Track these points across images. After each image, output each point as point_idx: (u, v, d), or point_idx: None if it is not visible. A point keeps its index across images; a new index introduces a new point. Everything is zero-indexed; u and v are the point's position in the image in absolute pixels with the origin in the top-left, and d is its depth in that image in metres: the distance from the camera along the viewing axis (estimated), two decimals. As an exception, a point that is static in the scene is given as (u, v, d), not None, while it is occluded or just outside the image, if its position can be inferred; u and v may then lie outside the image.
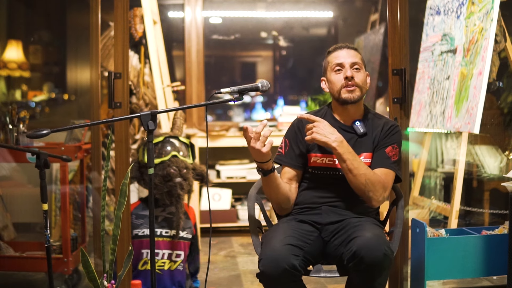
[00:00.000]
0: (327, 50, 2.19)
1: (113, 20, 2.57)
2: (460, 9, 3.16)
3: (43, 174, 1.97)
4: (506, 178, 2.41)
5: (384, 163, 2.05)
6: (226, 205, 4.44)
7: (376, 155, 2.08)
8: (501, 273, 2.53)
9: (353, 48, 2.14)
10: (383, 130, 2.11)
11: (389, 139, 2.09)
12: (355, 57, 2.11)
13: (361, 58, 2.14)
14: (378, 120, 2.16)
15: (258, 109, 5.50)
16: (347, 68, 2.08)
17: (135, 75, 3.86)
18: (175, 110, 2.11)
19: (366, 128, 2.12)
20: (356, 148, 2.06)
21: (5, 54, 4.59)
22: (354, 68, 2.09)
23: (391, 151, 2.07)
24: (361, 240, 1.80)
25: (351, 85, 2.07)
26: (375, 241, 1.78)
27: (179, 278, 2.85)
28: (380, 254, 1.76)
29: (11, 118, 2.83)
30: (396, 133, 2.11)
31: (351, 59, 2.09)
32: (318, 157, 2.11)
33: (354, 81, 2.07)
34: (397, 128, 2.14)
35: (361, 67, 2.11)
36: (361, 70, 2.10)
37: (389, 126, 2.12)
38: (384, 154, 2.06)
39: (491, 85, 3.37)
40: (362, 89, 2.10)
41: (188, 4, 4.79)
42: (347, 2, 5.40)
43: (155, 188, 2.75)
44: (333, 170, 2.10)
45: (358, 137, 2.11)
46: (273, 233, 1.97)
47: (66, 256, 2.82)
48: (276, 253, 1.82)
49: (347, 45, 2.14)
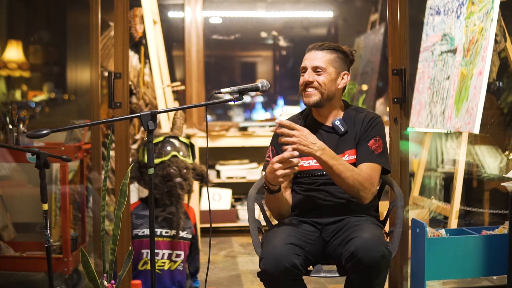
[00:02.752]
0: None
1: (113, 20, 2.58)
2: (460, 9, 3.16)
3: (43, 174, 1.97)
4: (506, 178, 2.41)
5: (369, 158, 2.04)
6: (226, 205, 4.44)
7: (359, 150, 2.07)
8: (501, 273, 2.54)
9: (324, 48, 2.10)
10: (363, 124, 2.10)
11: (370, 132, 2.08)
12: (320, 59, 2.08)
13: (331, 59, 2.09)
14: (359, 114, 2.14)
15: (258, 109, 5.50)
16: (308, 71, 2.09)
17: (135, 75, 3.86)
18: (175, 110, 2.11)
19: (347, 125, 2.11)
20: (339, 147, 2.07)
21: (5, 54, 4.59)
22: (316, 71, 2.08)
23: (374, 144, 2.06)
24: (359, 241, 1.79)
25: (309, 88, 2.08)
26: (373, 242, 1.78)
27: (179, 278, 2.85)
28: (377, 255, 1.76)
29: (11, 118, 2.83)
30: (377, 124, 2.10)
31: (314, 62, 2.08)
32: (305, 160, 2.10)
33: (313, 84, 2.07)
34: (378, 119, 2.12)
35: (325, 69, 2.07)
36: (324, 73, 2.07)
37: (369, 119, 2.11)
38: (367, 148, 2.06)
39: (491, 85, 3.37)
40: (324, 91, 2.07)
41: (188, 4, 4.79)
42: (347, 2, 5.40)
43: (155, 188, 2.75)
44: (320, 171, 2.09)
45: (340, 136, 2.11)
46: (274, 233, 1.97)
47: (66, 256, 2.82)
48: (277, 252, 1.82)
49: (318, 46, 2.11)
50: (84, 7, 2.92)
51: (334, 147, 2.04)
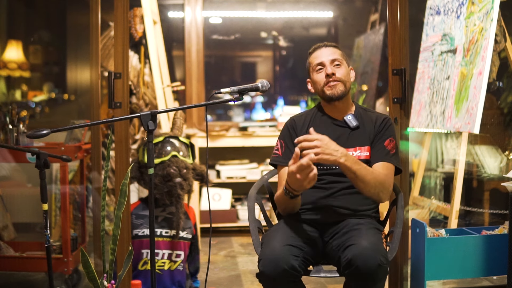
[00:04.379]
0: (308, 52, 2.22)
1: (113, 20, 2.57)
2: (460, 9, 3.16)
3: (43, 174, 1.97)
4: (506, 178, 2.41)
5: (385, 157, 2.07)
6: (226, 205, 4.44)
7: (375, 149, 2.10)
8: (501, 273, 2.54)
9: (331, 46, 2.17)
10: (376, 124, 2.14)
11: (385, 132, 2.12)
12: (334, 53, 2.15)
13: (341, 54, 2.17)
14: (370, 113, 2.20)
15: (258, 109, 5.50)
16: (327, 65, 2.12)
17: (135, 75, 3.86)
18: (175, 110, 2.11)
19: (358, 121, 2.15)
20: (351, 141, 2.10)
21: (5, 54, 4.59)
22: (334, 65, 2.13)
23: (389, 144, 2.10)
24: (357, 249, 1.78)
25: (332, 81, 2.11)
26: (370, 251, 1.76)
27: (179, 278, 2.85)
28: (374, 264, 1.74)
29: (11, 118, 2.83)
30: (391, 125, 2.16)
31: (330, 56, 2.13)
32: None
33: (336, 76, 2.11)
34: (390, 121, 2.18)
35: (342, 62, 2.15)
36: (342, 65, 2.14)
37: (383, 119, 2.16)
38: (384, 148, 2.09)
39: (491, 85, 3.37)
40: (346, 83, 2.14)
41: (188, 4, 4.79)
42: (347, 2, 5.40)
43: (155, 188, 2.75)
44: (329, 165, 2.10)
45: (351, 130, 2.13)
46: (273, 233, 1.97)
47: (66, 256, 2.82)
48: (275, 254, 1.82)
49: (325, 44, 2.18)
50: (84, 7, 2.92)
51: (346, 141, 2.08)
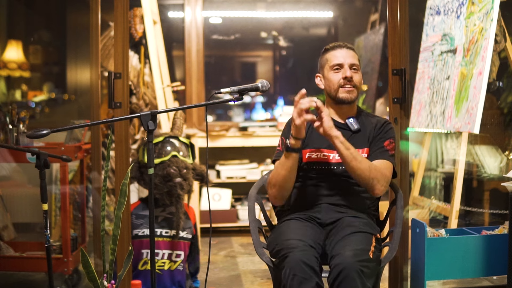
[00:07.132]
0: (324, 48, 2.21)
1: (113, 20, 2.58)
2: (460, 9, 3.16)
3: (43, 174, 1.97)
4: (506, 178, 2.41)
5: (384, 155, 2.08)
6: (226, 205, 4.44)
7: (374, 147, 2.11)
8: (501, 273, 2.54)
9: (352, 48, 2.18)
10: (377, 126, 2.16)
11: (385, 134, 2.14)
12: (354, 58, 2.15)
13: (358, 59, 2.18)
14: (371, 118, 2.22)
15: (258, 109, 5.50)
16: (347, 68, 2.12)
17: (135, 75, 3.86)
18: (175, 110, 2.11)
19: (360, 125, 2.16)
20: (351, 144, 2.08)
21: (5, 54, 4.59)
22: (353, 69, 2.13)
23: (389, 145, 2.12)
24: (339, 259, 1.78)
25: (349, 86, 2.11)
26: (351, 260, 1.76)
27: (179, 278, 2.85)
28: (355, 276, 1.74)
29: (11, 118, 2.83)
30: (390, 129, 2.17)
31: (350, 59, 2.13)
32: (313, 152, 2.13)
33: (353, 81, 2.11)
34: (391, 124, 2.20)
35: (358, 68, 2.16)
36: (358, 71, 2.15)
37: (383, 122, 2.18)
38: (383, 147, 2.10)
39: (491, 85, 3.37)
40: (359, 89, 2.16)
41: (188, 4, 4.79)
42: (347, 2, 5.40)
43: (155, 188, 2.75)
44: (328, 164, 2.11)
45: (352, 133, 2.14)
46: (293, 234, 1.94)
47: (66, 256, 2.82)
48: (305, 263, 1.79)
49: (346, 45, 2.17)
50: (84, 7, 2.92)
51: None
